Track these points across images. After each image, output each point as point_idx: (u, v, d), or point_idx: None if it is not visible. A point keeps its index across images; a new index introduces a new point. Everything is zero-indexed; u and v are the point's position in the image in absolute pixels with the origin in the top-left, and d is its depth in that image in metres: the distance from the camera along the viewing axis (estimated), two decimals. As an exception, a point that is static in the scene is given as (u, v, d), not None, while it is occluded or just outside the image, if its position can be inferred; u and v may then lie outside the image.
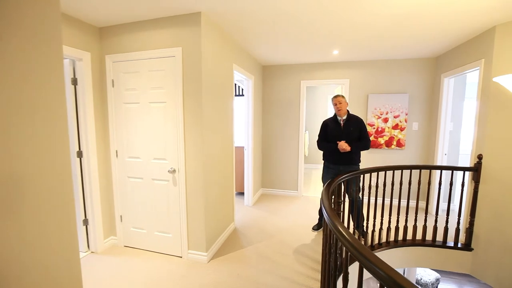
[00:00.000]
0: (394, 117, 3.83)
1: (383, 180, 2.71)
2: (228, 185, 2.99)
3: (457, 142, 3.63)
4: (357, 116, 2.89)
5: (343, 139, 2.76)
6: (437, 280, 4.29)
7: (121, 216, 2.65)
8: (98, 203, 2.55)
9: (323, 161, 3.06)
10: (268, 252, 2.61)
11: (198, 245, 2.42)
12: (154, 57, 2.31)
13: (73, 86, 2.36)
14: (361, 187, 2.61)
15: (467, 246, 2.72)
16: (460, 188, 2.67)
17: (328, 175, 2.95)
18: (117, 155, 2.58)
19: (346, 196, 2.56)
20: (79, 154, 2.44)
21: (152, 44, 2.30)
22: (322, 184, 3.11)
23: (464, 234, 2.75)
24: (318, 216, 3.33)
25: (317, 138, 3.05)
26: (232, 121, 3.03)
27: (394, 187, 2.61)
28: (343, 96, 2.83)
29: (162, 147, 2.39)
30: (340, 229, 1.27)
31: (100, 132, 2.55)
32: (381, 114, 3.88)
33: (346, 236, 1.19)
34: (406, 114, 3.78)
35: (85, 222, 2.53)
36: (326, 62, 4.05)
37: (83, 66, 2.34)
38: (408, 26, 2.51)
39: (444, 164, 3.48)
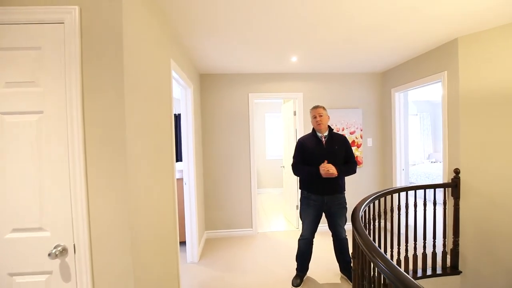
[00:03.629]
0: (350, 133, 3.59)
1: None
2: (171, 245, 1.88)
3: (406, 155, 3.65)
4: (341, 134, 2.38)
5: (327, 160, 2.17)
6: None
7: None
8: None
9: (300, 190, 2.37)
10: None
11: None
12: (12, 22, 1.13)
13: None
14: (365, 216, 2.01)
15: (454, 269, 2.48)
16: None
17: (310, 210, 2.27)
18: None
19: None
20: None
21: (8, -3, 1.13)
22: (301, 221, 2.39)
23: (449, 256, 2.52)
24: (294, 263, 2.55)
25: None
26: (172, 144, 2.00)
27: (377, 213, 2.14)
28: (324, 108, 2.28)
29: (33, 203, 1.15)
30: None
31: None
32: (337, 131, 3.58)
33: None
34: (361, 130, 3.60)
35: None
36: (278, 73, 3.54)
37: None
38: (375, 34, 2.22)
39: (403, 179, 3.39)
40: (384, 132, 3.64)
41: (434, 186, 2.46)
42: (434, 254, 2.47)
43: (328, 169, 2.10)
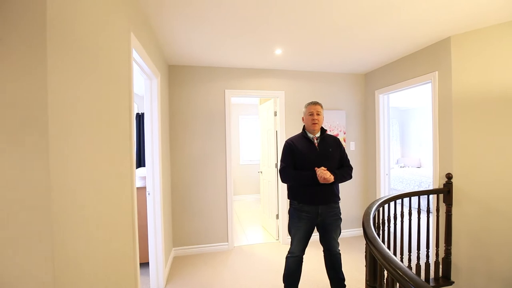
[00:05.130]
0: (334, 136, 3.39)
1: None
2: (127, 271, 1.41)
3: (389, 160, 3.56)
4: (333, 135, 2.12)
5: (320, 165, 1.88)
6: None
7: None
8: None
9: (289, 201, 2.05)
10: None
11: None
12: None
13: None
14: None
15: (445, 280, 2.34)
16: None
17: (302, 223, 1.95)
18: None
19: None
20: None
21: None
22: (289, 234, 2.06)
23: (441, 266, 2.38)
24: (279, 282, 2.20)
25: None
26: (131, 142, 1.54)
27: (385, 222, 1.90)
28: (322, 106, 2.00)
29: None
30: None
31: None
32: (320, 133, 3.35)
33: None
34: (345, 133, 3.43)
35: None
36: (259, 69, 3.22)
37: None
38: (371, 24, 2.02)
39: (387, 184, 3.26)
40: (367, 135, 3.51)
41: (427, 192, 2.32)
42: (427, 264, 2.31)
43: (323, 174, 1.82)
